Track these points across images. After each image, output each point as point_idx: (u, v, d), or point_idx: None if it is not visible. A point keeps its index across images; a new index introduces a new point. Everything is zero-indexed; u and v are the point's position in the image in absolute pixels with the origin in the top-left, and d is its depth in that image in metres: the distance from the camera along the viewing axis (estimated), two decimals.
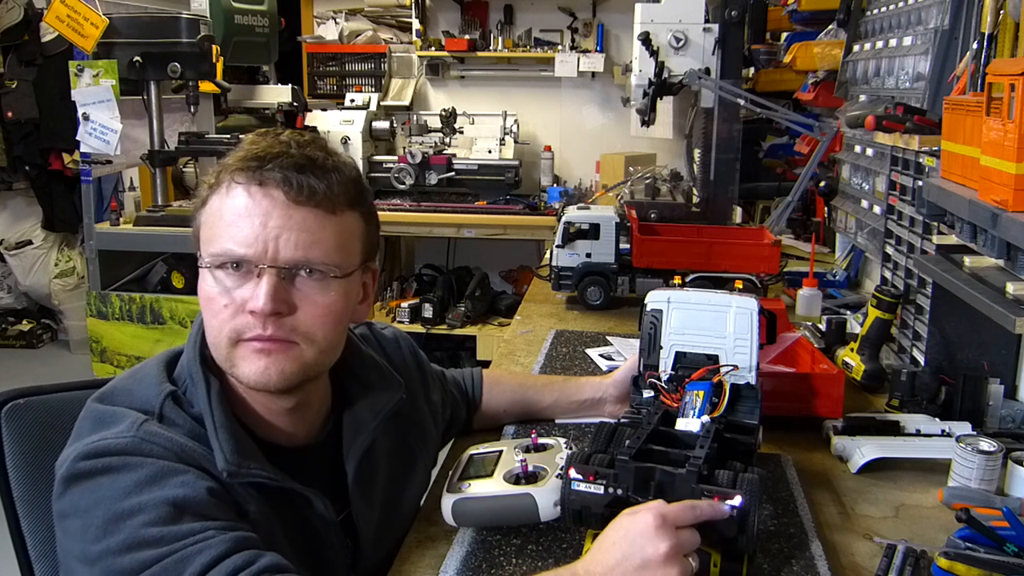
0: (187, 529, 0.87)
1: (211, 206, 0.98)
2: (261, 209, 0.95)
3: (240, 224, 0.95)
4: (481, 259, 5.12)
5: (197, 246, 1.00)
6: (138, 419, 0.95)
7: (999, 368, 1.44)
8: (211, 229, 0.98)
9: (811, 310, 2.15)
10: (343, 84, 5.07)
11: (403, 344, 1.31)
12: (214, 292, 0.97)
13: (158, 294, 3.48)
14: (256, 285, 0.95)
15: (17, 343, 5.19)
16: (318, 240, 0.97)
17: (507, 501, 1.10)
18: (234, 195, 0.96)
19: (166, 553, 0.85)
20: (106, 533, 0.87)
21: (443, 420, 1.37)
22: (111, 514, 0.88)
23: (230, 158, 0.99)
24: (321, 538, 1.07)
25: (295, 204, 0.95)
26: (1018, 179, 1.17)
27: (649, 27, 2.52)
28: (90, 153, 3.42)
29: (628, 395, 1.39)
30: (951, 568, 1.01)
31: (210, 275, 0.97)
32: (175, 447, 0.94)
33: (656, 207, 2.74)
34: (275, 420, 1.06)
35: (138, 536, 0.86)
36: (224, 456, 0.95)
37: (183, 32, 3.45)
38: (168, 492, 0.89)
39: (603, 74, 4.98)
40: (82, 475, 0.91)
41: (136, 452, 0.92)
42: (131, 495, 0.88)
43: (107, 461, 0.91)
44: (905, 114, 1.85)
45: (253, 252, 0.95)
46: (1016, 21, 1.58)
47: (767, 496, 1.19)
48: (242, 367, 0.98)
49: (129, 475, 0.90)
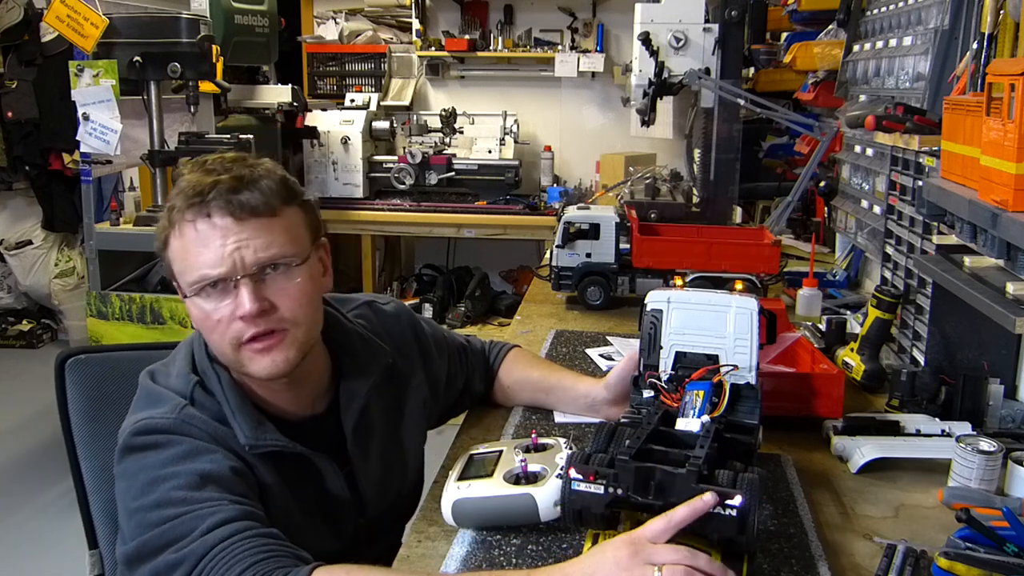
0: (207, 496, 1.04)
1: (173, 247, 1.13)
2: (216, 234, 1.10)
3: (203, 252, 1.10)
4: (481, 259, 5.12)
5: (176, 284, 1.16)
6: (179, 403, 1.14)
7: (999, 368, 1.44)
8: (181, 264, 1.13)
9: (811, 310, 2.15)
10: (343, 84, 5.07)
11: (403, 316, 1.45)
12: (204, 313, 1.12)
13: (158, 294, 3.47)
14: (236, 296, 1.10)
15: (17, 343, 5.19)
16: (270, 241, 1.12)
17: (507, 501, 1.10)
18: (188, 231, 1.11)
19: (185, 512, 1.02)
20: (143, 493, 1.06)
21: (452, 388, 1.50)
22: (150, 479, 1.06)
23: (174, 199, 1.12)
24: (332, 499, 1.23)
25: (241, 221, 1.10)
26: (1018, 179, 1.17)
27: (649, 27, 2.52)
28: (90, 153, 3.41)
29: (622, 397, 1.41)
30: (951, 568, 1.01)
31: (196, 303, 1.13)
32: (209, 428, 1.13)
33: (656, 207, 2.74)
34: (278, 399, 1.22)
35: (167, 497, 1.04)
36: (243, 432, 1.14)
37: (183, 32, 3.44)
38: (198, 465, 1.07)
39: (603, 74, 4.98)
40: (133, 448, 1.11)
41: (177, 431, 1.10)
42: (168, 466, 1.07)
43: (153, 438, 1.10)
44: (905, 114, 1.85)
45: (224, 270, 1.10)
46: (1016, 21, 1.58)
47: (767, 496, 1.19)
48: (251, 367, 1.14)
49: (169, 450, 1.09)
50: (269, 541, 1.01)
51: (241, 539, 1.00)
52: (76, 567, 2.67)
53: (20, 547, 3.07)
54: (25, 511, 3.31)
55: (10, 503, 3.37)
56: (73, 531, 1.50)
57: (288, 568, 0.97)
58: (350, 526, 1.27)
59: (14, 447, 3.88)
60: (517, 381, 1.55)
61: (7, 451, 3.85)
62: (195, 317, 1.14)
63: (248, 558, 0.97)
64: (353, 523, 1.27)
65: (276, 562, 0.98)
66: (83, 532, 1.44)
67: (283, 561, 0.99)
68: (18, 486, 3.52)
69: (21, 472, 3.67)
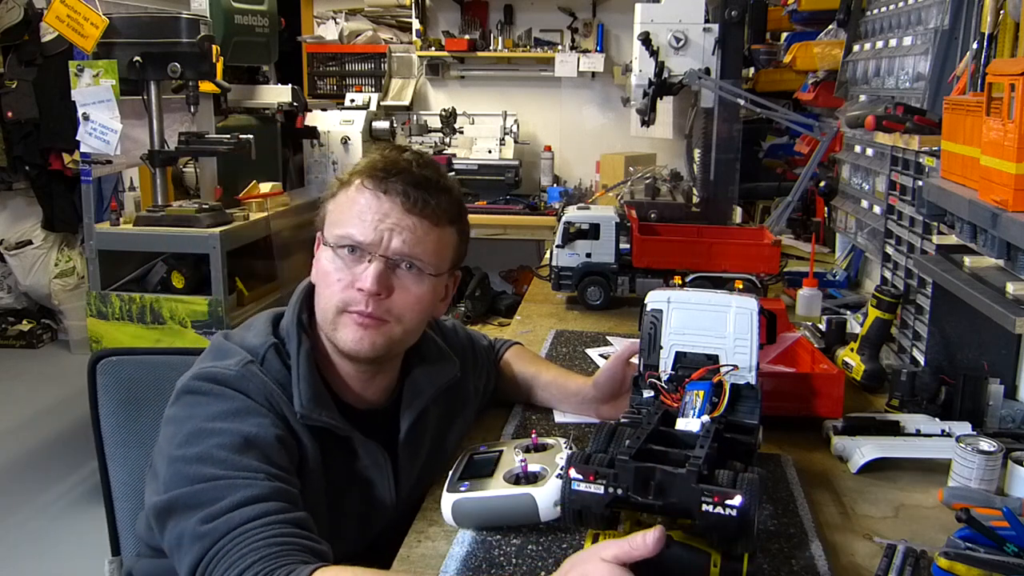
0: (246, 463, 1.05)
1: (339, 198, 1.20)
2: (382, 209, 1.16)
3: (363, 217, 1.16)
4: (481, 259, 5.12)
5: (320, 227, 1.22)
6: (245, 358, 1.17)
7: (999, 368, 1.44)
8: (338, 216, 1.19)
9: (811, 310, 2.15)
10: (343, 84, 5.07)
11: (460, 331, 1.52)
12: (331, 267, 1.18)
13: (158, 294, 3.46)
14: (365, 268, 1.15)
15: (17, 343, 5.19)
16: (421, 243, 1.18)
17: (507, 501, 1.10)
18: (359, 194, 1.17)
19: (222, 476, 1.04)
20: (188, 442, 1.08)
21: (487, 392, 1.54)
22: (197, 429, 1.09)
23: (361, 164, 1.20)
24: (371, 490, 1.26)
25: (408, 212, 1.16)
26: (1018, 179, 1.17)
27: (649, 27, 2.52)
28: (90, 153, 3.41)
29: (611, 396, 1.44)
30: (951, 568, 1.01)
31: (330, 252, 1.18)
32: (266, 388, 1.15)
33: (656, 207, 2.74)
34: (352, 383, 1.26)
35: (209, 453, 1.06)
36: (301, 401, 1.16)
37: (183, 32, 3.44)
38: (245, 427, 1.09)
39: (603, 74, 4.98)
40: (191, 391, 1.13)
41: (235, 386, 1.13)
42: (217, 420, 1.09)
43: (210, 387, 1.13)
44: (905, 114, 1.85)
45: (369, 241, 1.15)
46: (1016, 21, 1.58)
47: (767, 496, 1.19)
48: (343, 333, 1.18)
49: (222, 404, 1.11)
50: (289, 531, 1.01)
51: (262, 525, 1.00)
52: (76, 568, 2.67)
53: (20, 547, 3.06)
54: (25, 511, 3.30)
55: (10, 503, 3.37)
56: (73, 532, 1.51)
57: (294, 566, 0.97)
58: (380, 523, 1.28)
59: (14, 447, 3.88)
60: (513, 377, 1.57)
61: (7, 451, 3.85)
62: (320, 265, 1.19)
63: (261, 550, 0.98)
64: (384, 521, 1.28)
65: (286, 558, 0.98)
66: (83, 534, 1.44)
67: (293, 557, 0.98)
68: (18, 486, 3.52)
69: (21, 472, 3.66)
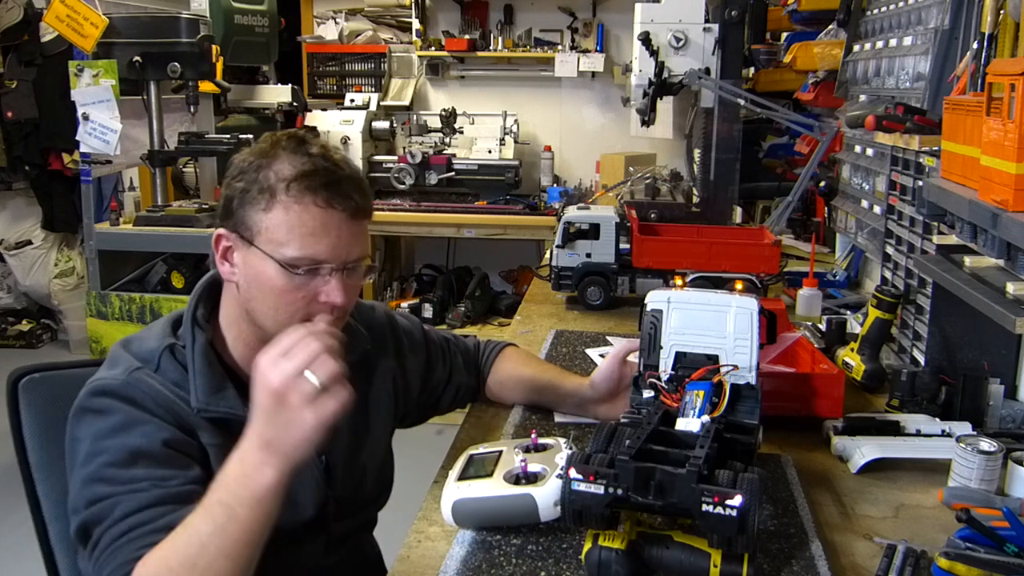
0: (131, 475, 1.07)
1: (276, 213, 1.15)
2: (333, 224, 1.16)
3: (320, 237, 1.15)
4: (481, 259, 5.12)
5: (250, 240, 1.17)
6: (131, 365, 1.18)
7: (999, 368, 1.44)
8: (284, 235, 1.15)
9: (811, 310, 2.15)
10: (343, 84, 5.06)
11: (378, 308, 1.51)
12: (286, 284, 1.16)
13: (158, 294, 3.47)
14: (326, 282, 1.16)
15: (17, 343, 5.19)
16: (364, 239, 1.21)
17: (507, 501, 1.10)
18: (305, 211, 1.15)
19: (108, 494, 1.06)
20: (84, 463, 1.10)
21: (429, 380, 1.52)
22: (89, 450, 1.11)
23: (287, 171, 1.15)
24: None
25: (353, 217, 1.17)
26: (1018, 179, 1.17)
27: (649, 27, 2.52)
28: (90, 153, 3.41)
29: (608, 396, 1.43)
30: (951, 568, 1.01)
31: (283, 273, 1.16)
32: (153, 392, 1.15)
33: (656, 207, 2.74)
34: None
35: (98, 473, 1.08)
36: (196, 395, 1.17)
37: (183, 32, 3.45)
38: (130, 440, 1.10)
39: (603, 74, 4.98)
40: (83, 408, 1.15)
41: (120, 394, 1.14)
42: (104, 438, 1.11)
43: (98, 402, 1.14)
44: (905, 114, 1.85)
45: (330, 259, 1.16)
46: (1016, 21, 1.58)
47: (767, 496, 1.19)
48: None
49: (108, 420, 1.12)
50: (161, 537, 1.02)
51: (132, 538, 1.02)
52: None
53: (21, 548, 3.06)
54: (25, 510, 3.30)
55: (10, 503, 3.36)
56: None
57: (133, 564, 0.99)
58: (315, 495, 1.28)
59: None
60: (510, 378, 1.56)
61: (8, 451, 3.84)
62: (276, 286, 1.16)
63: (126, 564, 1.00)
64: (321, 493, 1.28)
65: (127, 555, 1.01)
66: None
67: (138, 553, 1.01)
68: (19, 486, 3.51)
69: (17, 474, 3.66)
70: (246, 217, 1.17)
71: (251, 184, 1.17)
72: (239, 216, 1.18)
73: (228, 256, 1.21)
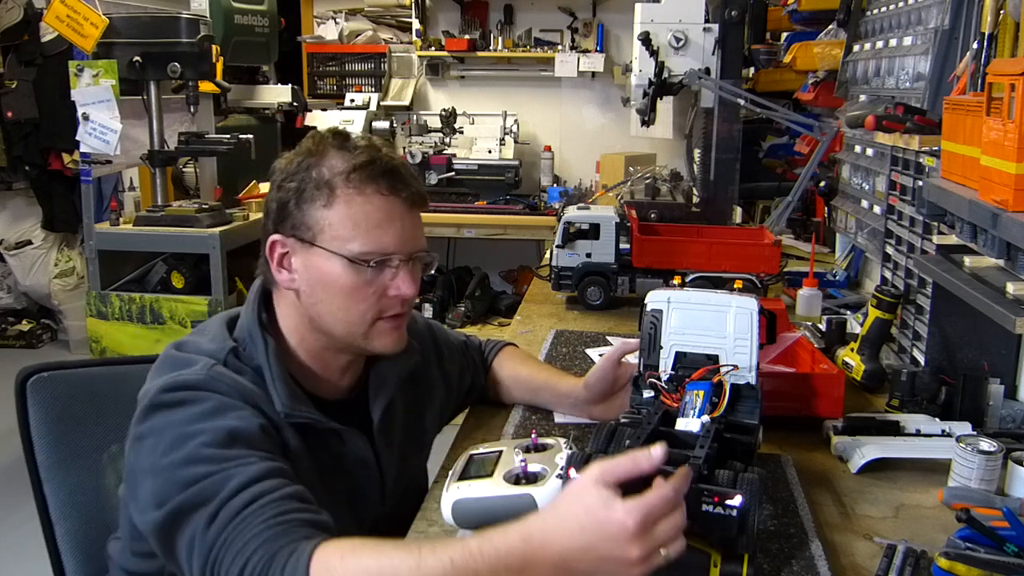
0: (235, 454, 1.03)
1: (339, 208, 1.14)
2: (397, 214, 1.16)
3: (386, 228, 1.15)
4: (481, 259, 5.12)
5: (311, 240, 1.15)
6: (209, 362, 1.14)
7: (999, 368, 1.44)
8: (350, 230, 1.14)
9: (811, 310, 2.15)
10: (343, 84, 5.07)
11: (419, 320, 1.49)
12: (357, 281, 1.15)
13: (158, 294, 3.47)
14: (395, 274, 1.17)
15: (17, 343, 5.19)
16: (423, 232, 1.21)
17: (507, 501, 1.10)
18: (367, 202, 1.15)
19: (216, 470, 1.01)
20: (172, 449, 1.04)
21: (462, 385, 1.53)
22: (178, 435, 1.05)
23: (340, 165, 1.15)
24: (358, 477, 1.26)
25: (413, 208, 1.18)
26: (1018, 179, 1.17)
27: (649, 27, 2.52)
28: (90, 153, 3.42)
29: (603, 396, 1.43)
30: (951, 568, 1.01)
31: (348, 265, 1.14)
32: (238, 386, 1.13)
33: (656, 207, 2.74)
34: (327, 373, 1.26)
35: (196, 453, 1.03)
36: (281, 400, 1.15)
37: (183, 32, 3.45)
38: (226, 422, 1.06)
39: (603, 74, 4.98)
40: (163, 404, 1.09)
41: (206, 388, 1.10)
42: (197, 422, 1.06)
43: (183, 395, 1.09)
44: (905, 114, 1.85)
45: (399, 249, 1.16)
46: (1016, 21, 1.58)
47: (767, 496, 1.19)
48: (379, 341, 1.21)
49: (198, 406, 1.08)
50: (288, 507, 0.99)
51: (259, 507, 0.98)
52: None
53: (19, 548, 3.07)
54: (24, 511, 3.30)
55: (11, 503, 3.37)
56: None
57: (296, 543, 0.94)
58: (372, 512, 1.28)
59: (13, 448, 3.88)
60: (508, 378, 1.56)
61: (8, 452, 3.84)
62: (345, 283, 1.15)
63: (262, 534, 0.95)
64: (375, 509, 1.28)
65: (286, 537, 0.96)
66: None
67: (294, 535, 0.96)
68: (20, 486, 3.51)
69: (21, 472, 3.66)
70: (305, 217, 1.15)
71: (305, 183, 1.15)
72: (296, 218, 1.15)
73: (285, 263, 1.18)
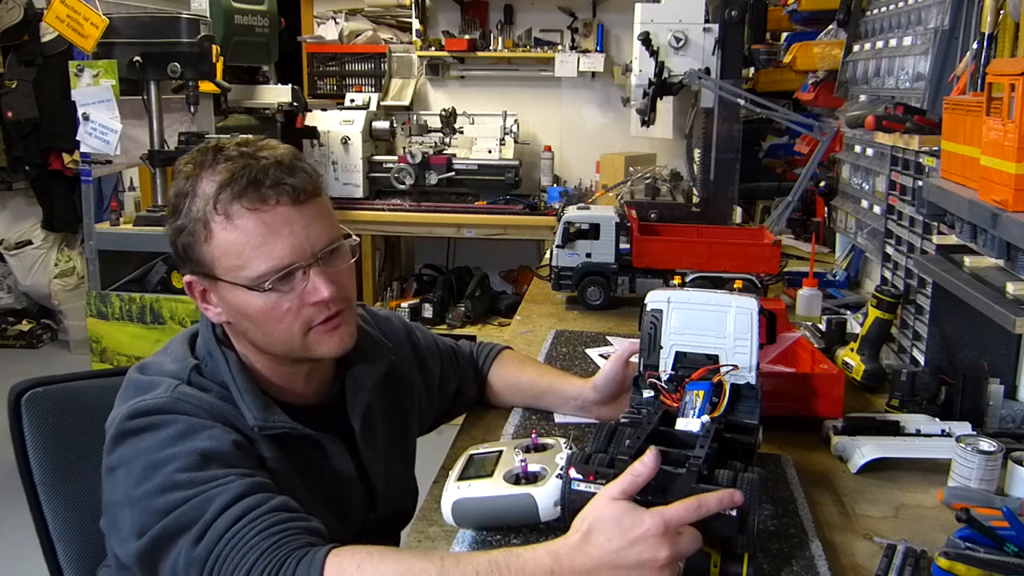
0: (211, 475, 1.00)
1: (220, 241, 1.08)
2: (281, 221, 1.08)
3: (272, 242, 1.08)
4: (481, 259, 5.12)
5: (213, 275, 1.11)
6: (172, 383, 1.11)
7: (999, 368, 1.44)
8: (239, 258, 1.08)
9: (811, 310, 2.15)
10: (343, 84, 5.06)
11: (394, 319, 1.47)
12: (269, 304, 1.10)
13: (158, 294, 3.47)
14: (306, 280, 1.11)
15: (17, 343, 5.19)
16: (328, 223, 1.13)
17: (507, 501, 1.10)
18: (246, 222, 1.07)
19: (193, 495, 0.98)
20: (146, 478, 1.01)
21: (446, 389, 1.50)
22: (150, 462, 1.02)
23: (209, 188, 1.08)
24: (340, 484, 1.23)
25: (301, 205, 1.09)
26: (1018, 179, 1.17)
27: (649, 27, 2.52)
28: (90, 153, 3.41)
29: (612, 397, 1.42)
30: (951, 568, 1.01)
31: (262, 295, 1.10)
32: (205, 405, 1.09)
33: (656, 207, 2.74)
34: (291, 383, 1.22)
35: (171, 480, 1.00)
36: (252, 413, 1.12)
37: (183, 32, 3.45)
38: (198, 444, 1.03)
39: (603, 74, 4.98)
40: (128, 432, 1.05)
41: (172, 410, 1.07)
42: (167, 447, 1.03)
43: (148, 420, 1.05)
44: (905, 114, 1.85)
45: (296, 258, 1.09)
46: (1016, 21, 1.58)
47: (767, 496, 1.19)
48: (321, 347, 1.16)
49: (166, 430, 1.04)
50: (279, 517, 0.98)
51: (249, 521, 0.96)
52: None
53: (17, 549, 3.06)
54: (26, 510, 3.30)
55: (10, 504, 3.36)
56: None
57: (304, 551, 0.94)
58: (359, 516, 1.26)
59: None
60: (508, 385, 1.54)
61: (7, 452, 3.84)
62: (258, 309, 1.10)
63: (259, 545, 0.94)
64: (362, 514, 1.27)
65: (287, 545, 0.95)
66: None
67: (295, 541, 0.96)
68: (19, 486, 3.51)
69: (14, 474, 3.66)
70: (197, 255, 1.11)
71: (187, 221, 1.10)
72: (192, 257, 1.12)
73: (207, 299, 1.16)
